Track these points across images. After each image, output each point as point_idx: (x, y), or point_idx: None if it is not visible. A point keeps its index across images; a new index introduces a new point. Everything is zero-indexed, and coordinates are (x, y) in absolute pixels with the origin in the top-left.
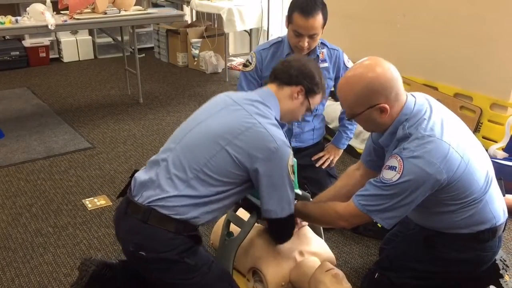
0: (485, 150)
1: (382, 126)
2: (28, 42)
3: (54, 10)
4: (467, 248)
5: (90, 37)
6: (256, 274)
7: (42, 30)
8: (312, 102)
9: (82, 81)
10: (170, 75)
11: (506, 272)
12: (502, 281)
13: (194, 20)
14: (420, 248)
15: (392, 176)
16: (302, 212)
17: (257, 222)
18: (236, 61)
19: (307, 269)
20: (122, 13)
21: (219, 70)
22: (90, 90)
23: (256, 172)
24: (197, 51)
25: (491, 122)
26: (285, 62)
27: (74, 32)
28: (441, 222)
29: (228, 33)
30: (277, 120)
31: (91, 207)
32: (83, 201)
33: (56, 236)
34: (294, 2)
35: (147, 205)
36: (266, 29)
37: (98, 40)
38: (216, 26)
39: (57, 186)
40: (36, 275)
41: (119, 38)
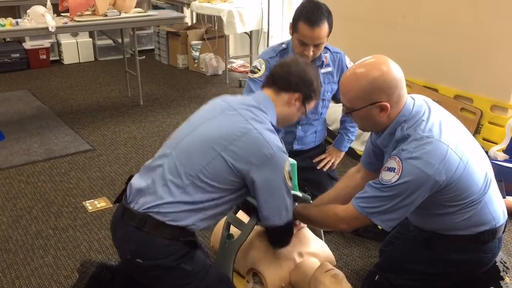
0: (484, 152)
1: (378, 126)
2: (28, 44)
3: (54, 12)
4: (467, 249)
5: (91, 39)
6: (255, 276)
7: (43, 32)
8: (308, 107)
9: (82, 83)
10: (171, 77)
11: (507, 274)
12: (502, 283)
13: (194, 22)
14: (420, 250)
15: (391, 177)
16: (302, 214)
17: (257, 224)
18: (236, 63)
19: (307, 270)
20: (123, 15)
21: (220, 72)
22: (90, 92)
23: (252, 178)
24: (197, 53)
25: (492, 124)
26: (284, 65)
27: (75, 34)
28: (440, 223)
29: (228, 35)
30: (273, 125)
31: (92, 209)
32: (84, 203)
33: (56, 238)
34: (300, 11)
35: (143, 211)
36: (266, 31)
37: (99, 42)
38: (216, 28)
39: (57, 188)
40: (36, 277)
41: (120, 40)
